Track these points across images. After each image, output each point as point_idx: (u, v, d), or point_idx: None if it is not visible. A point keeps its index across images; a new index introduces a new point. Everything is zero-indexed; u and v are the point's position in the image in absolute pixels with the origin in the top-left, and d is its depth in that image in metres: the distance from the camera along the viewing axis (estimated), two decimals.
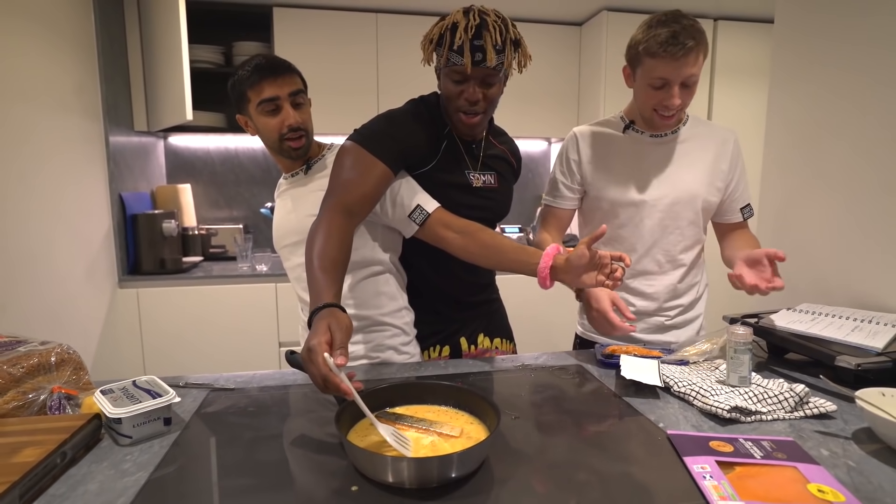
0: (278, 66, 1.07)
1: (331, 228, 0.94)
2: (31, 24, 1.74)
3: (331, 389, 0.72)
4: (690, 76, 1.09)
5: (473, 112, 1.07)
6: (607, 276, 0.91)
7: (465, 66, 1.02)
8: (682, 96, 1.11)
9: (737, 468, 0.67)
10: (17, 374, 0.79)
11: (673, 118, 1.16)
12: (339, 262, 0.92)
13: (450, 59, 1.03)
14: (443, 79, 1.09)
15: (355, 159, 1.02)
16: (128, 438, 0.74)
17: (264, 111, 1.07)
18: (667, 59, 1.07)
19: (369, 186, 1.01)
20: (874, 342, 0.93)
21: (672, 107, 1.12)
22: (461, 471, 0.65)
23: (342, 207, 0.98)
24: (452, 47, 1.02)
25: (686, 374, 0.96)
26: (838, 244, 1.29)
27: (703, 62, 1.10)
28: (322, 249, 0.91)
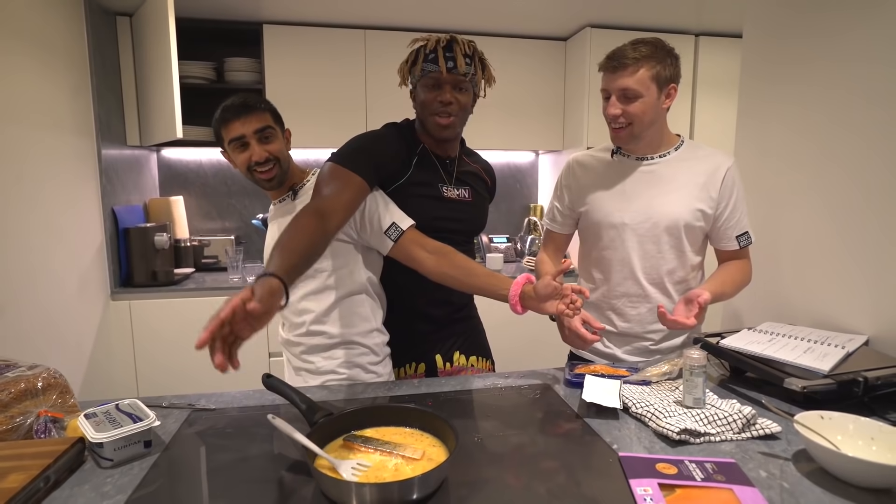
0: (246, 106, 1.14)
1: (298, 224, 0.96)
2: (25, 44, 1.79)
3: None
4: (627, 89, 1.15)
5: (447, 113, 1.15)
6: (567, 305, 0.99)
7: (439, 71, 1.12)
8: (624, 109, 1.17)
9: (678, 490, 0.72)
10: (6, 400, 0.83)
11: (623, 131, 1.20)
12: (297, 252, 0.91)
13: (425, 68, 1.13)
14: (419, 89, 1.17)
15: (333, 175, 1.09)
16: (109, 461, 0.79)
17: (234, 148, 1.15)
18: (606, 72, 1.18)
19: (346, 196, 1.07)
20: (822, 364, 0.98)
21: (611, 116, 1.19)
22: (421, 493, 0.69)
23: (314, 210, 1.01)
24: (427, 58, 1.13)
25: (645, 395, 1.01)
26: (800, 266, 1.34)
27: (647, 81, 1.14)
28: (288, 238, 0.93)
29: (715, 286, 1.17)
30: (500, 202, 3.20)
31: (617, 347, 1.32)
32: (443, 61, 1.12)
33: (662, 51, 1.16)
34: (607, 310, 1.31)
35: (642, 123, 1.19)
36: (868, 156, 1.17)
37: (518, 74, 2.81)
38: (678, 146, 1.28)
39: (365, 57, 2.66)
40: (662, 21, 2.60)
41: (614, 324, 1.30)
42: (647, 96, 1.15)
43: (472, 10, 2.48)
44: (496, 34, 2.76)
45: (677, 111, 2.78)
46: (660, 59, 1.15)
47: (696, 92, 2.75)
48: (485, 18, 2.59)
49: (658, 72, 1.14)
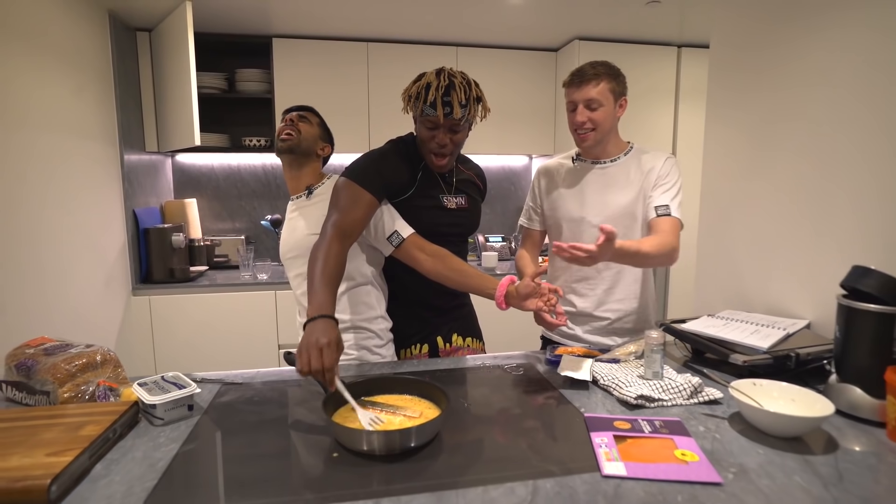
0: (304, 106, 1.49)
1: (329, 250, 1.17)
2: (57, 60, 1.96)
3: (317, 376, 0.95)
4: (592, 99, 1.35)
5: (442, 154, 1.31)
6: (545, 303, 1.19)
7: (437, 117, 1.25)
8: (590, 116, 1.36)
9: (628, 440, 0.89)
10: (73, 371, 1.00)
11: (589, 136, 1.39)
12: (335, 278, 1.16)
13: (424, 111, 1.27)
14: (418, 126, 1.33)
15: (348, 192, 1.25)
16: (160, 420, 0.95)
17: (282, 119, 1.43)
18: (572, 86, 1.38)
19: (360, 213, 1.24)
20: (763, 343, 1.14)
21: (578, 124, 1.38)
22: (418, 441, 0.86)
23: (339, 232, 1.21)
24: (426, 102, 1.26)
25: (613, 371, 1.17)
26: (757, 260, 1.50)
27: (607, 93, 1.35)
28: (323, 267, 1.14)
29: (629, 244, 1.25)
30: (494, 203, 3.37)
31: (578, 327, 1.50)
32: (441, 108, 1.23)
33: (615, 70, 1.38)
34: (569, 293, 1.49)
35: (604, 129, 1.39)
36: (809, 163, 1.33)
37: (512, 83, 2.99)
38: (628, 151, 1.47)
39: (368, 68, 2.83)
40: (646, 33, 2.77)
41: (574, 304, 1.49)
42: (607, 106, 1.36)
43: (469, 25, 2.65)
44: (492, 46, 2.93)
45: (661, 120, 2.96)
46: (614, 77, 1.37)
47: (679, 101, 2.92)
48: (481, 32, 2.76)
49: (613, 86, 1.36)
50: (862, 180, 1.19)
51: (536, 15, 2.52)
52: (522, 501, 0.71)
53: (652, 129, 2.94)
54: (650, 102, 2.91)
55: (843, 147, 1.24)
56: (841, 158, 1.24)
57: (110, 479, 0.77)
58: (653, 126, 2.95)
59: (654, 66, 2.89)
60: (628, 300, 1.47)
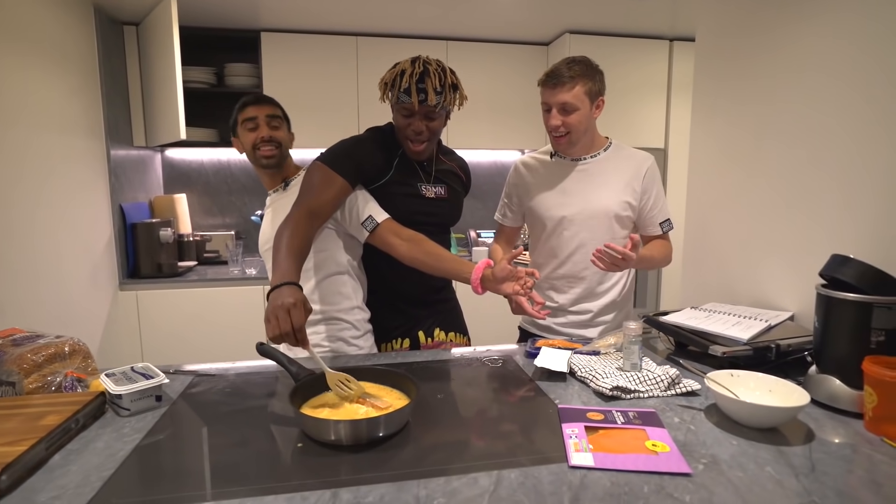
0: (263, 98, 1.39)
1: (296, 225, 1.17)
2: (41, 53, 1.94)
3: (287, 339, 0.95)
4: (565, 103, 1.31)
5: (419, 140, 1.29)
6: (521, 286, 1.16)
7: (412, 104, 1.24)
8: (564, 120, 1.33)
9: (600, 431, 0.87)
10: (39, 361, 0.98)
11: (563, 139, 1.37)
12: (300, 252, 1.14)
13: (399, 98, 1.25)
14: (394, 113, 1.31)
15: (320, 175, 1.24)
16: (126, 411, 0.94)
17: (246, 128, 1.36)
18: (546, 88, 1.34)
19: (330, 195, 1.23)
20: (743, 334, 1.12)
21: (552, 127, 1.35)
22: (386, 430, 0.84)
23: (306, 210, 1.20)
24: (401, 89, 1.24)
25: (592, 363, 1.15)
26: (742, 254, 1.49)
27: (582, 95, 1.31)
28: (288, 241, 1.13)
29: (643, 253, 1.35)
30: (486, 199, 3.36)
31: (553, 319, 1.48)
32: (415, 95, 1.22)
33: (592, 69, 1.33)
34: (548, 289, 1.48)
35: (579, 132, 1.36)
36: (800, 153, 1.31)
37: (504, 77, 2.96)
38: (606, 147, 1.45)
39: (357, 62, 2.82)
40: (637, 27, 2.75)
41: (553, 299, 1.48)
42: (582, 108, 1.33)
43: (459, 19, 2.63)
44: (482, 40, 2.91)
45: (653, 114, 2.94)
46: (591, 77, 1.32)
47: (671, 95, 2.90)
48: (471, 26, 2.74)
49: (590, 87, 1.32)
50: (850, 171, 1.17)
51: (527, 9, 2.50)
52: (484, 491, 0.70)
53: (643, 125, 2.93)
54: (642, 97, 2.89)
55: (830, 137, 1.22)
56: (828, 148, 1.22)
57: (67, 468, 0.76)
58: (644, 121, 2.93)
59: (646, 60, 2.87)
60: (608, 297, 1.46)
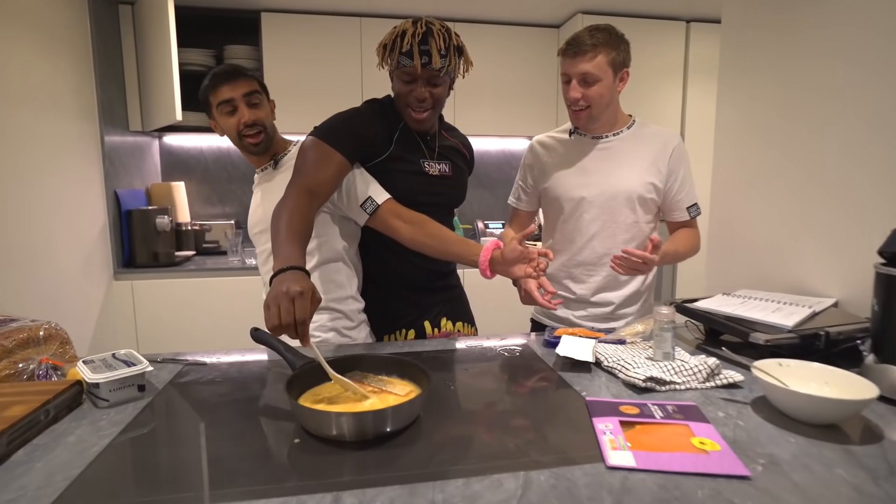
0: (233, 71, 1.21)
1: (296, 205, 1.05)
2: (30, 31, 1.85)
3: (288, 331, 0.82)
4: (586, 73, 1.21)
5: (422, 108, 1.18)
6: (534, 268, 1.06)
7: (414, 68, 1.12)
8: (584, 92, 1.23)
9: (637, 426, 0.77)
10: (9, 346, 0.89)
11: (583, 113, 1.27)
12: (302, 235, 1.03)
13: (400, 61, 1.14)
14: (394, 80, 1.20)
15: (316, 151, 1.13)
16: (105, 402, 0.84)
17: (223, 112, 1.21)
18: (566, 57, 1.23)
19: (328, 173, 1.11)
20: (787, 321, 1.02)
21: (571, 99, 1.25)
22: (394, 425, 0.74)
23: (305, 189, 1.08)
24: (402, 51, 1.13)
25: (619, 352, 1.05)
26: (777, 235, 1.38)
27: (605, 66, 1.21)
28: (288, 222, 1.01)
29: (668, 248, 1.25)
30: (494, 188, 3.25)
31: (573, 312, 1.37)
32: (417, 57, 1.11)
33: (616, 37, 1.22)
34: (565, 278, 1.37)
35: (600, 106, 1.25)
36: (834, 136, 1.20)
37: (512, 62, 2.85)
38: (630, 125, 1.34)
39: (361, 44, 2.71)
40: (653, 7, 2.63)
41: (571, 290, 1.37)
42: (605, 80, 1.22)
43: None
44: (490, 21, 2.80)
45: (669, 97, 2.82)
46: (615, 46, 1.21)
47: (688, 77, 2.78)
48: (479, 6, 2.63)
49: (613, 57, 1.21)
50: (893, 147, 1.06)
51: None
52: (511, 496, 0.60)
53: (659, 109, 2.81)
54: (657, 80, 2.77)
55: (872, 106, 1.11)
56: (869, 118, 1.11)
57: (30, 465, 0.66)
58: (660, 104, 2.81)
59: (662, 41, 2.75)
60: (631, 286, 1.35)
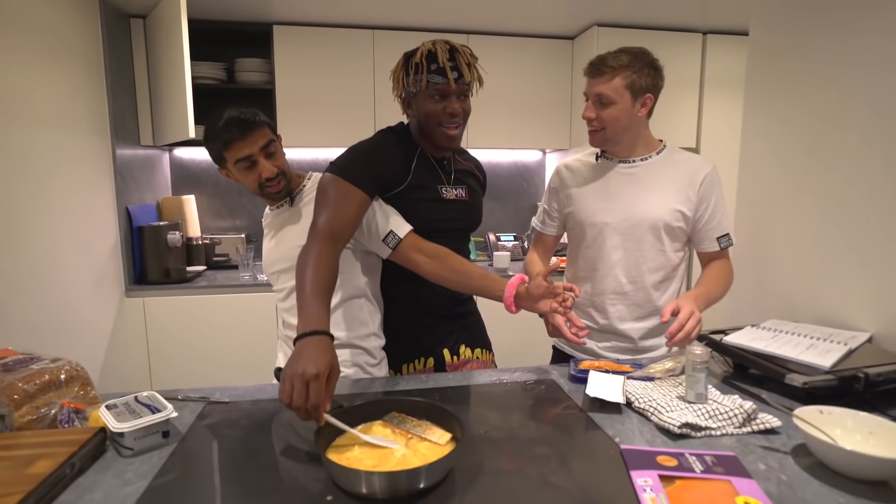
0: (247, 123, 1.12)
1: (320, 255, 1.02)
2: (43, 45, 1.84)
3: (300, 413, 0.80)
4: (601, 94, 1.21)
5: (454, 124, 1.17)
6: (560, 303, 1.05)
7: (447, 84, 1.13)
8: (598, 113, 1.23)
9: (677, 482, 0.74)
10: (31, 391, 0.87)
11: (597, 134, 1.26)
12: (329, 287, 1.01)
13: (430, 80, 1.13)
14: (423, 100, 1.17)
15: (335, 189, 1.11)
16: (129, 450, 0.82)
17: (242, 168, 1.16)
18: (586, 76, 1.26)
19: (350, 213, 1.10)
20: (824, 360, 0.99)
21: (585, 119, 1.26)
22: (427, 482, 0.72)
23: (328, 234, 1.06)
24: (431, 69, 1.13)
25: (649, 391, 1.03)
26: (805, 264, 1.35)
27: (621, 89, 1.20)
28: (314, 275, 0.99)
29: (698, 291, 1.22)
30: (506, 201, 3.23)
31: (596, 343, 1.35)
32: (450, 73, 1.12)
33: (642, 61, 1.20)
34: (588, 307, 1.35)
35: (615, 129, 1.24)
36: (870, 155, 1.18)
37: (526, 73, 2.83)
38: (660, 150, 1.32)
39: (373, 56, 2.70)
40: (669, 19, 2.60)
41: (595, 320, 1.34)
42: (621, 103, 1.20)
43: (479, 10, 2.50)
44: (504, 33, 2.78)
45: (685, 110, 2.79)
46: (637, 70, 1.19)
47: (704, 90, 2.75)
48: (493, 18, 2.61)
49: (633, 81, 1.19)
50: None
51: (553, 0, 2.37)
52: None
53: (674, 121, 2.78)
54: (673, 92, 2.73)
55: None
56: None
57: None
58: (675, 118, 2.78)
59: (678, 54, 2.72)
60: (655, 319, 1.31)
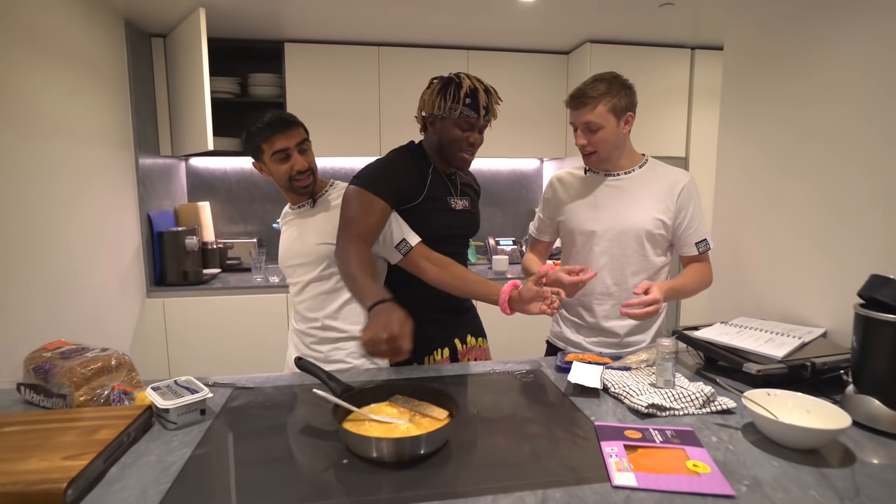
0: (287, 121, 1.31)
1: (358, 250, 1.21)
2: (74, 68, 2.00)
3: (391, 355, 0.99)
4: (589, 122, 1.34)
5: (472, 151, 1.36)
6: (548, 305, 1.20)
7: (476, 118, 1.30)
8: (590, 139, 1.36)
9: (639, 450, 0.88)
10: (88, 375, 1.02)
11: (592, 157, 1.39)
12: (374, 271, 1.23)
13: (464, 111, 1.29)
14: (449, 126, 1.32)
15: (360, 200, 1.26)
16: (173, 424, 0.96)
17: (277, 160, 1.31)
18: (571, 109, 1.37)
19: (374, 220, 1.25)
20: (777, 352, 1.12)
21: (579, 146, 1.39)
22: (427, 448, 0.86)
23: (358, 237, 1.23)
24: (466, 103, 1.29)
25: (624, 378, 1.16)
26: (773, 268, 1.48)
27: (605, 114, 1.33)
28: (359, 264, 1.18)
29: (671, 283, 1.36)
30: (505, 206, 3.37)
31: (584, 338, 1.48)
32: (482, 109, 1.30)
33: (616, 85, 1.33)
34: (577, 306, 1.48)
35: (606, 149, 1.37)
36: (830, 171, 1.31)
37: (524, 86, 2.98)
38: (642, 164, 1.44)
39: (379, 71, 2.85)
40: (658, 35, 2.75)
41: (583, 318, 1.48)
42: (608, 126, 1.34)
43: (479, 28, 2.65)
44: (503, 49, 2.93)
45: (674, 123, 2.93)
46: (615, 94, 1.32)
47: (693, 103, 2.89)
48: (492, 35, 2.76)
49: (614, 104, 1.33)
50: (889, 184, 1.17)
51: (547, 18, 2.51)
52: None
53: (664, 134, 2.92)
54: (663, 106, 2.88)
55: (868, 147, 1.22)
56: (866, 159, 1.22)
57: (125, 482, 0.79)
58: (665, 130, 2.92)
59: (668, 68, 2.86)
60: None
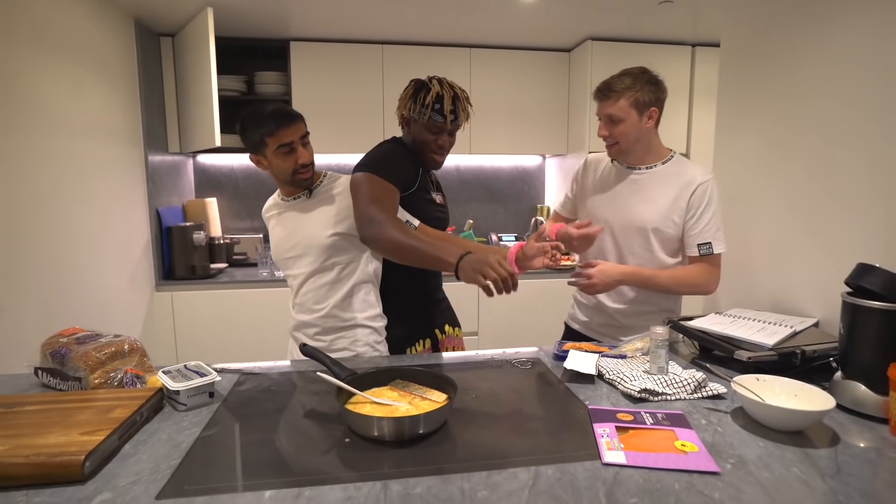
0: (291, 115, 1.31)
1: (400, 226, 1.24)
2: (86, 66, 2.05)
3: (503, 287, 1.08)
4: (611, 115, 1.38)
5: (442, 153, 1.42)
6: (550, 258, 1.26)
7: (444, 123, 1.36)
8: (611, 131, 1.40)
9: (630, 431, 0.91)
10: (102, 359, 1.06)
11: (613, 148, 1.43)
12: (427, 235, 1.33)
13: (432, 117, 1.35)
14: (420, 129, 1.39)
15: (372, 185, 1.29)
16: (183, 406, 1.01)
17: (282, 153, 1.31)
18: (595, 100, 1.42)
19: (393, 203, 1.31)
20: (768, 340, 1.15)
21: (601, 137, 1.43)
22: (426, 428, 0.89)
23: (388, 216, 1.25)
24: (435, 108, 1.34)
25: (619, 365, 1.19)
26: (768, 258, 1.51)
27: (627, 108, 1.36)
28: (411, 235, 1.23)
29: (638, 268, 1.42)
30: (508, 203, 3.40)
31: (593, 318, 1.55)
32: (449, 115, 1.35)
33: (642, 80, 1.36)
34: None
35: (627, 141, 1.40)
36: (823, 165, 1.33)
37: (525, 84, 3.00)
38: (666, 160, 1.45)
39: (382, 69, 2.89)
40: (659, 33, 2.77)
41: (589, 299, 1.55)
42: (629, 120, 1.37)
43: (481, 26, 2.68)
44: (505, 47, 2.96)
45: (675, 119, 2.95)
46: (639, 89, 1.35)
47: (693, 100, 2.91)
48: (494, 33, 2.79)
49: (637, 98, 1.35)
50: (878, 176, 1.19)
51: (549, 16, 2.54)
52: (524, 486, 0.74)
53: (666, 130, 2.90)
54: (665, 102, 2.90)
55: (859, 141, 1.24)
56: (856, 153, 1.25)
57: (138, 457, 0.83)
58: (667, 126, 2.91)
59: (669, 65, 2.88)
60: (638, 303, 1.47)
